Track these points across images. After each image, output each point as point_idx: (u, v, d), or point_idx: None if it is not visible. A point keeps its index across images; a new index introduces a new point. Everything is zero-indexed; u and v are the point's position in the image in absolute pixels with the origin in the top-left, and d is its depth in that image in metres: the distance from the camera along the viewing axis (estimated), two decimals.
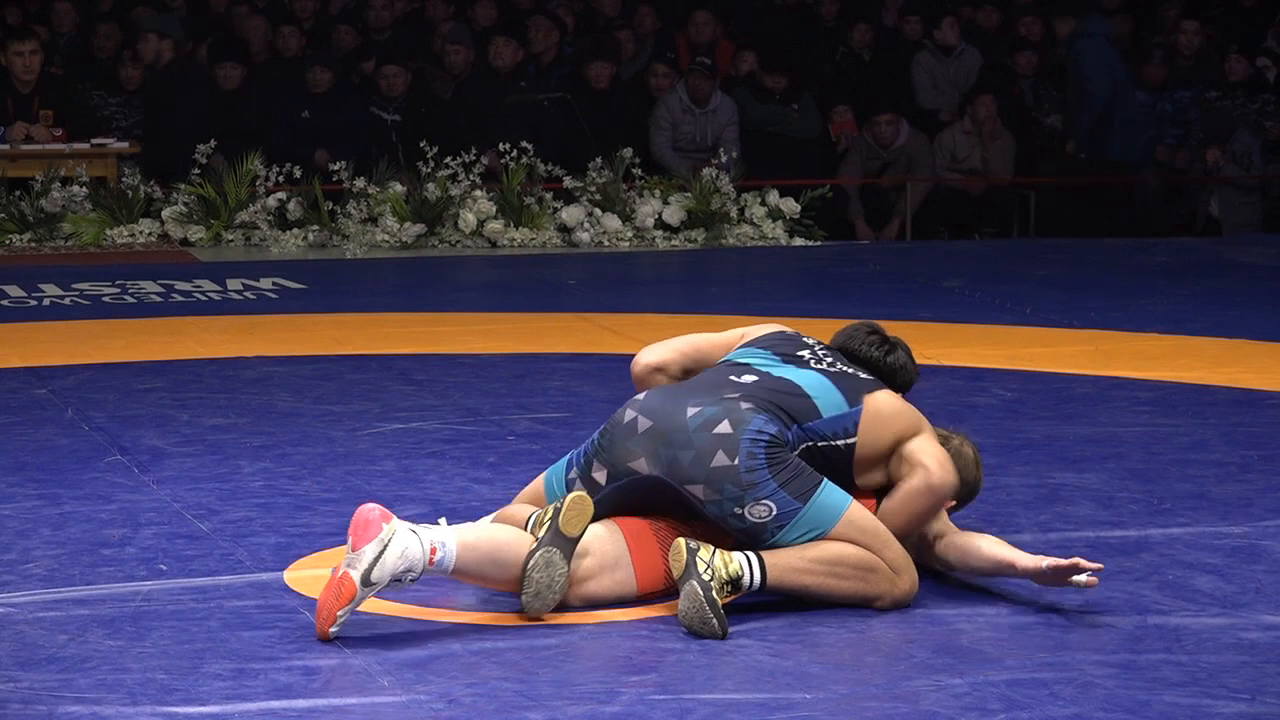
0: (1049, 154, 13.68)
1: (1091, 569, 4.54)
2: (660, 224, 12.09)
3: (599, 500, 4.63)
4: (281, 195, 11.90)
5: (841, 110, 13.78)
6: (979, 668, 4.16)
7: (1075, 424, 6.69)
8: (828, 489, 4.53)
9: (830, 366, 4.77)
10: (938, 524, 4.79)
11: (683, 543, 4.40)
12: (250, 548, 5.08)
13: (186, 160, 11.84)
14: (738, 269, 11.33)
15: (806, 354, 4.80)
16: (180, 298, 9.71)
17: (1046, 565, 4.56)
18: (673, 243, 12.02)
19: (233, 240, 11.84)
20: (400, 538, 4.32)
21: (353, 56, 13.55)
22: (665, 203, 12.13)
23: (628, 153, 12.09)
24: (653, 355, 4.98)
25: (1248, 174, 13.36)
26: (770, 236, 12.13)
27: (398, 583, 4.34)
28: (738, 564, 4.42)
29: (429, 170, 11.84)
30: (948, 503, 4.76)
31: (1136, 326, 8.82)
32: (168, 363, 7.88)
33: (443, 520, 4.98)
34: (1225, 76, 13.90)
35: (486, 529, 4.60)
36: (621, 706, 3.93)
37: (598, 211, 12.04)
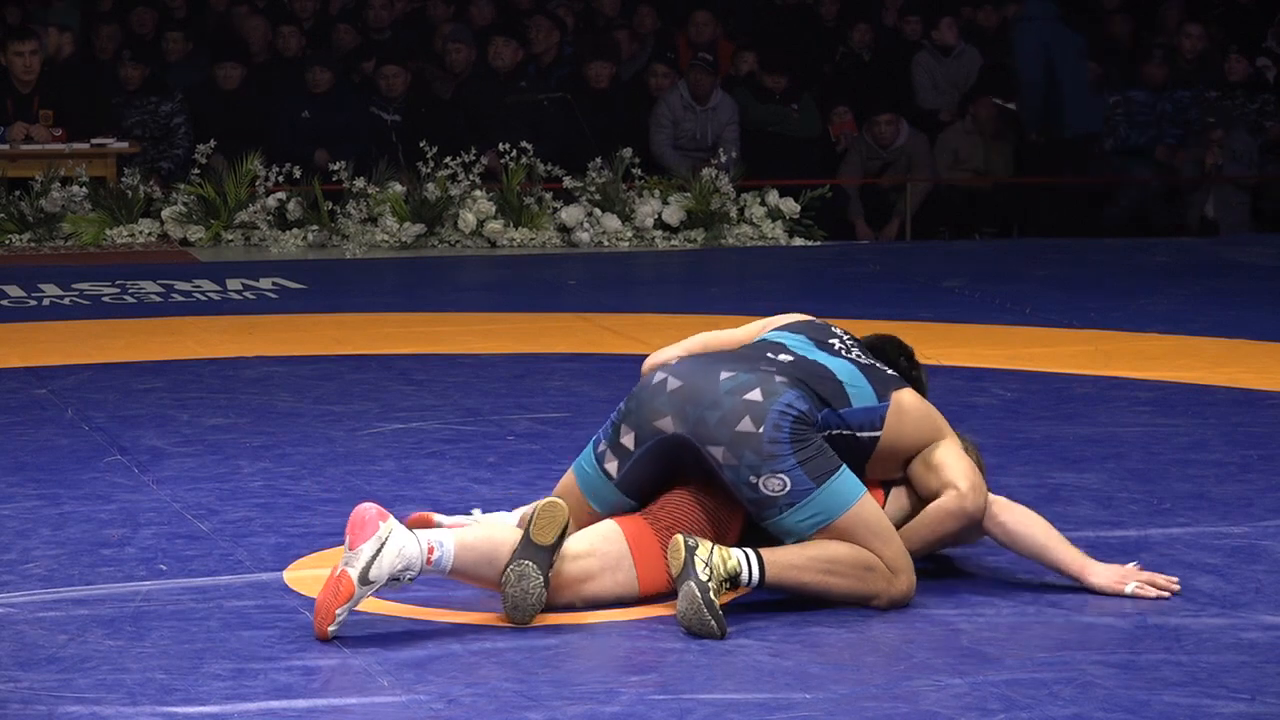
0: (1012, 141, 13.70)
1: (1171, 588, 4.63)
2: (660, 224, 12.09)
3: (631, 466, 4.63)
4: (281, 195, 11.90)
5: (841, 111, 13.78)
6: (979, 668, 4.16)
7: (1075, 424, 6.69)
8: (844, 475, 4.53)
9: (860, 358, 4.79)
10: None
11: (681, 540, 4.39)
12: (250, 548, 5.08)
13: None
14: (737, 269, 11.33)
15: (836, 343, 4.83)
16: (180, 298, 9.71)
17: (1129, 591, 4.62)
18: (672, 243, 12.02)
19: (232, 240, 11.84)
20: (397, 536, 4.32)
21: (353, 56, 13.55)
22: (665, 203, 12.13)
23: (627, 153, 12.09)
24: (661, 354, 5.00)
25: (1246, 174, 13.36)
26: (770, 236, 12.13)
27: (395, 581, 4.33)
28: (736, 560, 4.42)
29: (429, 170, 11.84)
30: None
31: (1136, 326, 8.82)
32: (167, 363, 7.87)
33: (476, 511, 4.98)
34: (1225, 76, 13.90)
35: (486, 529, 4.60)
36: (621, 706, 3.93)
37: (597, 211, 12.04)
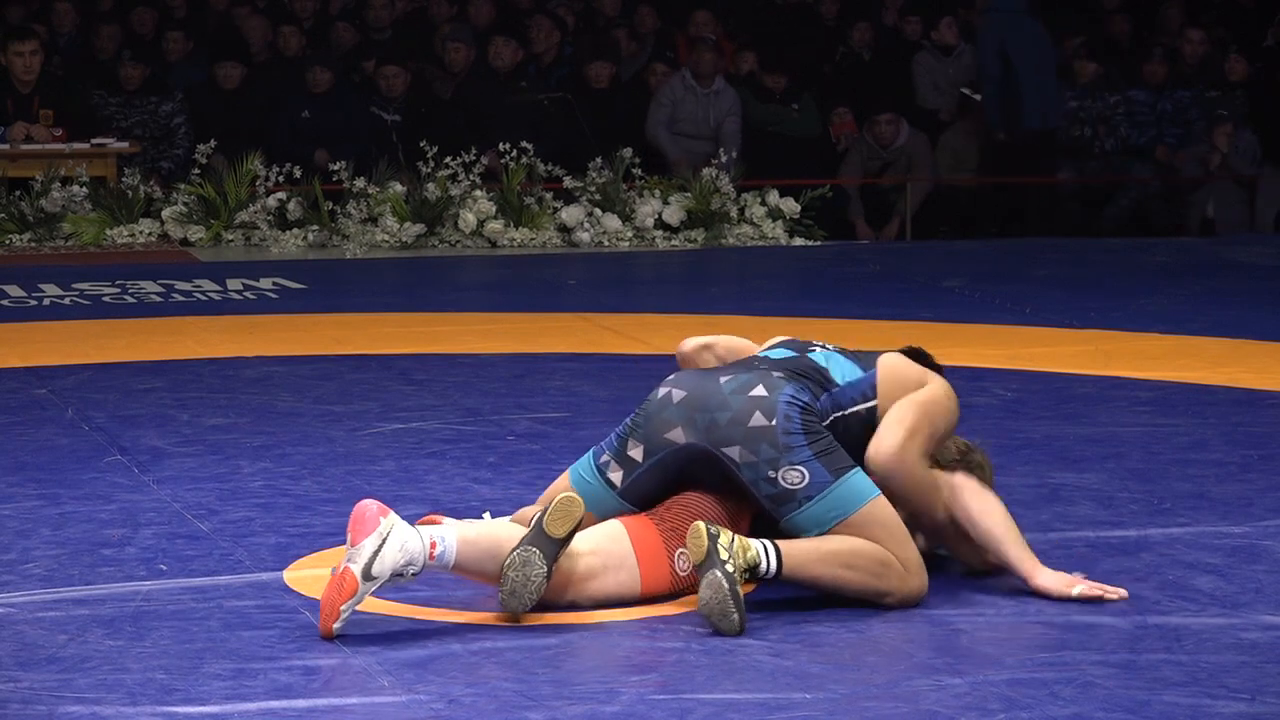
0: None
1: (1118, 596, 4.60)
2: (660, 224, 12.09)
3: (638, 477, 4.65)
4: (281, 195, 11.90)
5: (841, 112, 13.78)
6: (979, 667, 4.16)
7: (1075, 424, 6.69)
8: (858, 474, 4.56)
9: (839, 351, 4.83)
10: (952, 476, 4.75)
11: (703, 527, 4.37)
12: (250, 548, 5.08)
13: None
14: (738, 269, 11.33)
15: (818, 348, 4.85)
16: (180, 298, 9.71)
17: (1076, 594, 4.58)
18: (673, 243, 12.03)
19: (233, 240, 11.85)
20: (399, 531, 4.33)
21: (352, 55, 13.55)
22: (665, 203, 12.13)
23: (627, 153, 12.09)
24: (698, 338, 5.04)
25: (1249, 172, 13.36)
26: (770, 236, 12.13)
27: (399, 578, 4.34)
28: (755, 551, 4.42)
29: (429, 170, 11.85)
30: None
31: (1137, 326, 8.82)
32: (168, 363, 7.88)
33: (487, 514, 4.98)
34: (1226, 77, 13.91)
35: (488, 525, 4.60)
36: (621, 706, 3.92)
37: (598, 211, 12.04)
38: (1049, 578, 4.63)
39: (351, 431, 6.55)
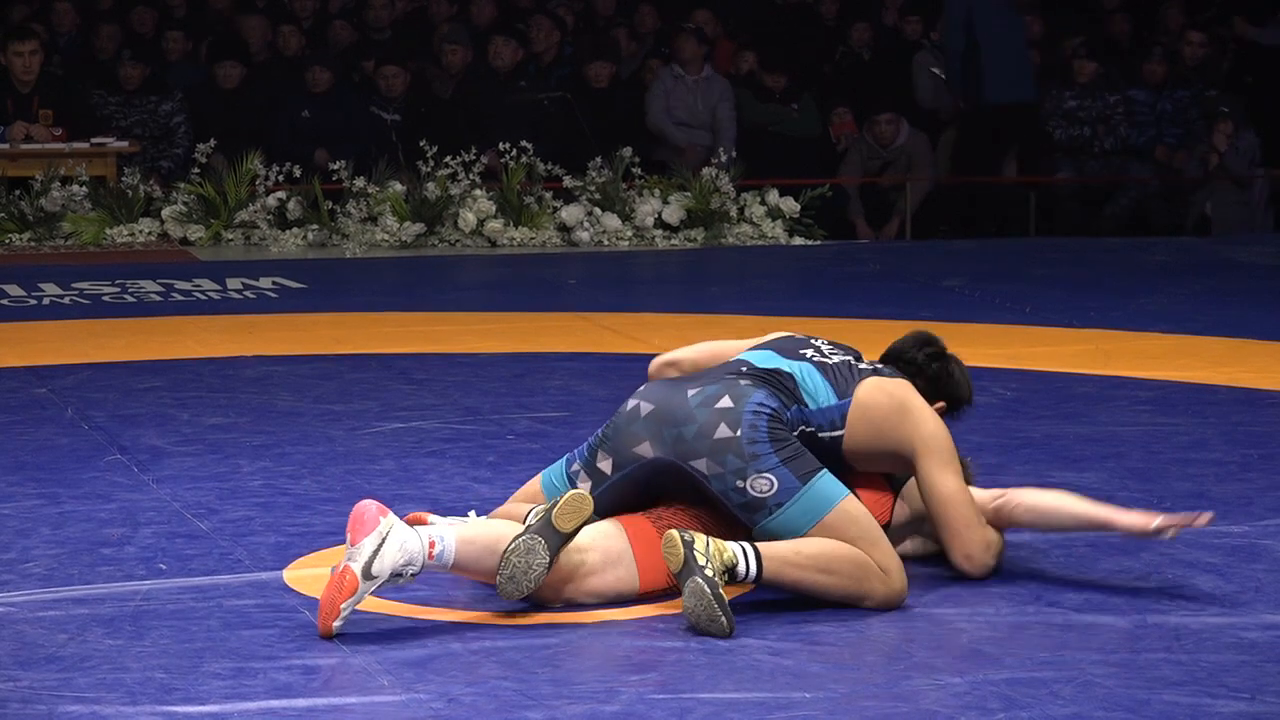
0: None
1: (1205, 520, 4.70)
2: (660, 223, 12.09)
3: (606, 489, 4.65)
4: (281, 194, 11.90)
5: (841, 112, 13.78)
6: (978, 667, 4.16)
7: (1075, 423, 6.69)
8: (826, 476, 4.55)
9: (828, 359, 4.80)
10: (984, 494, 4.84)
11: (676, 535, 4.37)
12: (250, 547, 5.08)
13: None
14: (737, 268, 11.33)
15: (810, 352, 4.83)
16: (180, 297, 9.71)
17: (1156, 525, 4.68)
18: (672, 242, 12.03)
19: (232, 240, 11.85)
20: (398, 531, 4.33)
21: (350, 53, 13.55)
22: (665, 202, 12.13)
23: (627, 152, 12.09)
24: (668, 354, 5.06)
25: (1249, 172, 13.36)
26: (770, 236, 12.13)
27: (398, 578, 4.34)
28: (732, 553, 4.42)
29: (429, 170, 11.85)
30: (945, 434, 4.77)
31: (1137, 326, 8.82)
32: (167, 362, 7.88)
33: (472, 514, 4.99)
34: (1225, 76, 13.91)
35: (486, 524, 4.61)
36: (621, 705, 3.92)
37: (597, 211, 12.04)
38: (1128, 516, 4.75)
39: (351, 431, 6.55)
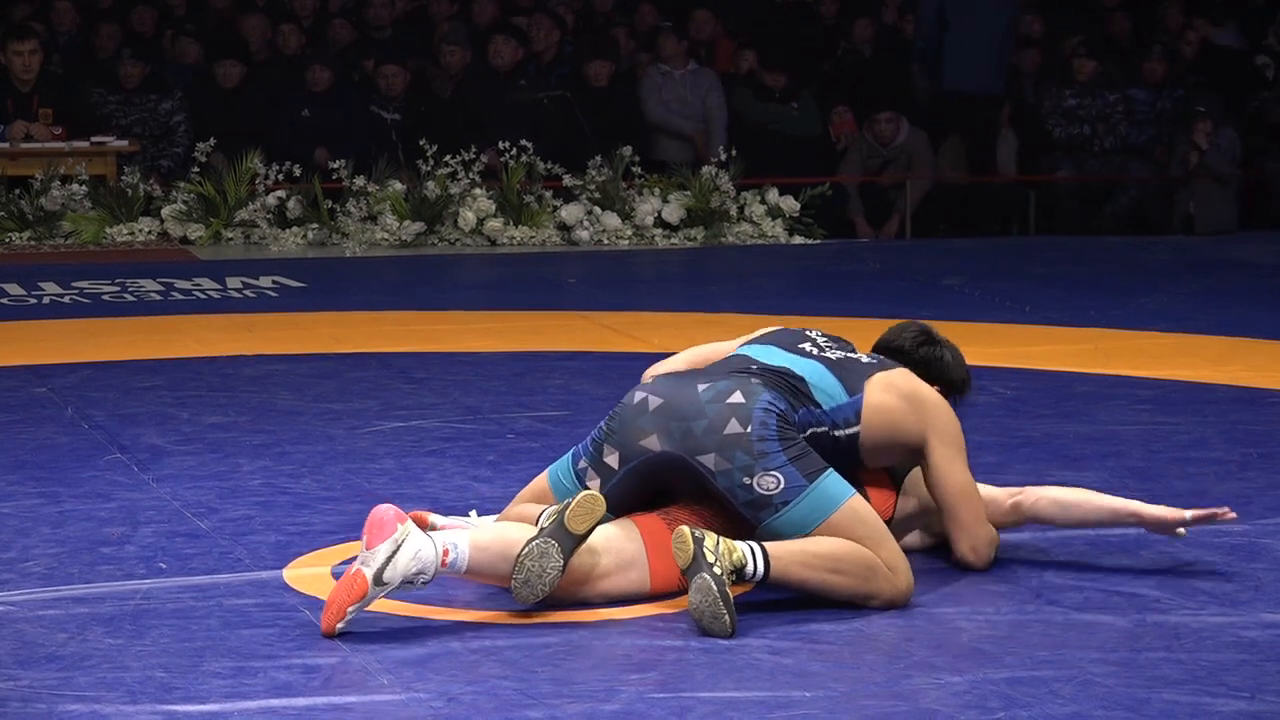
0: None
1: (1230, 517, 4.82)
2: (660, 222, 12.10)
3: (614, 485, 4.65)
4: (281, 193, 11.91)
5: (841, 111, 13.78)
6: (978, 666, 4.16)
7: (1075, 422, 6.70)
8: (832, 476, 4.56)
9: (831, 353, 4.81)
10: (1001, 491, 4.96)
11: (687, 531, 4.38)
12: (250, 546, 5.08)
13: None
14: (737, 267, 11.33)
15: (809, 345, 4.84)
16: (180, 296, 9.72)
17: (1190, 516, 4.82)
18: (672, 241, 12.03)
19: (232, 238, 11.85)
20: (414, 539, 4.32)
21: (350, 52, 13.55)
22: (665, 201, 12.13)
23: (627, 151, 12.10)
24: (658, 367, 5.05)
25: (1231, 171, 13.33)
26: (770, 235, 12.14)
27: (409, 585, 4.34)
28: (741, 552, 4.42)
29: (428, 168, 11.85)
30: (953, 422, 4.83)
31: (1136, 324, 8.83)
32: (167, 361, 7.88)
33: (473, 513, 4.98)
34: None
35: (498, 528, 4.59)
36: (621, 704, 3.92)
37: (597, 210, 12.04)
38: (1155, 509, 4.87)
39: (351, 430, 6.55)
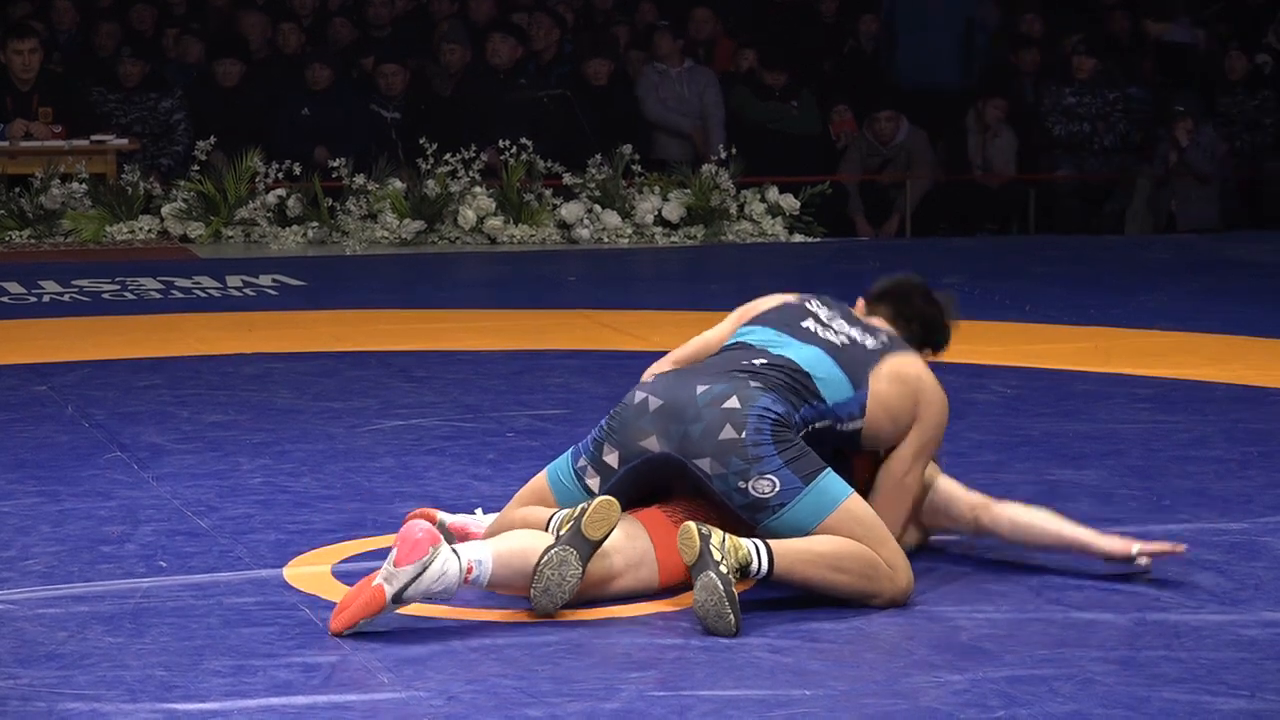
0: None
1: (1179, 550, 4.77)
2: (660, 220, 12.09)
3: (613, 484, 4.65)
4: (281, 192, 11.90)
5: (841, 110, 13.78)
6: (978, 664, 4.16)
7: (1075, 421, 6.69)
8: (830, 476, 4.56)
9: (835, 336, 4.82)
10: (971, 496, 4.93)
11: (694, 527, 4.38)
12: (250, 544, 5.08)
13: None
14: (737, 265, 11.33)
15: (811, 323, 4.85)
16: (180, 294, 9.71)
17: (1137, 550, 4.74)
18: (672, 239, 12.03)
19: (232, 237, 11.85)
20: (439, 562, 4.30)
21: (350, 50, 13.54)
22: (665, 199, 12.13)
23: (627, 149, 12.09)
24: (662, 362, 5.06)
25: (1211, 171, 13.31)
26: (770, 233, 12.14)
27: (428, 600, 4.34)
28: (747, 550, 4.42)
29: (428, 167, 11.85)
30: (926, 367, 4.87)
31: (1136, 323, 8.83)
32: (167, 359, 7.88)
33: (479, 511, 4.98)
34: (1225, 75, 13.90)
35: (520, 540, 4.53)
36: (621, 703, 3.92)
37: (597, 208, 12.04)
38: (1107, 541, 4.81)
39: (351, 428, 6.55)
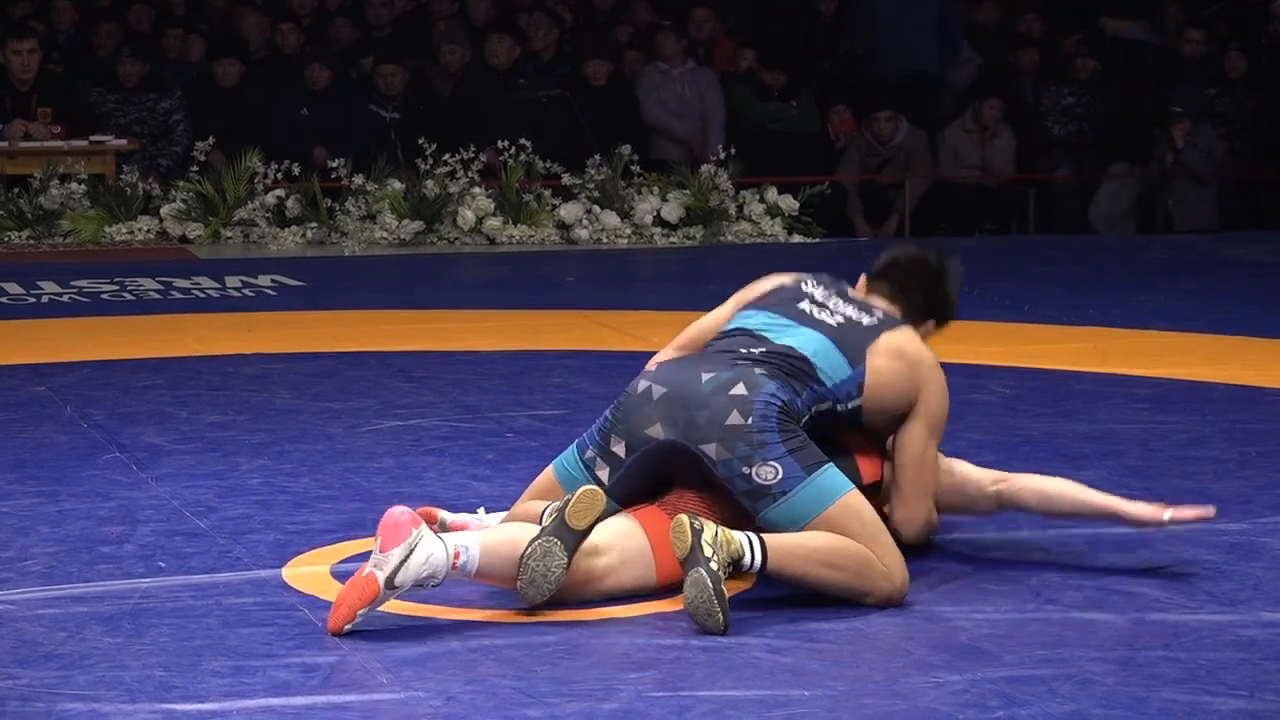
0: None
1: (1209, 516, 4.85)
2: (659, 221, 12.09)
3: (621, 474, 4.66)
4: (280, 192, 11.90)
5: (840, 110, 13.78)
6: (978, 665, 4.16)
7: (1074, 421, 6.70)
8: (830, 470, 4.58)
9: (831, 316, 4.84)
10: (987, 473, 5.01)
11: (686, 520, 4.38)
12: (249, 545, 5.08)
13: None
14: (736, 266, 11.31)
15: (806, 304, 4.88)
16: (179, 295, 9.71)
17: (1169, 517, 4.82)
18: (671, 240, 12.02)
19: (231, 237, 11.84)
20: (426, 544, 4.32)
21: (350, 51, 13.54)
22: (664, 200, 12.13)
23: (626, 150, 12.09)
24: (663, 353, 5.09)
25: (1208, 171, 13.31)
26: (769, 233, 12.13)
27: (420, 587, 4.35)
28: (739, 543, 4.43)
29: (427, 167, 11.84)
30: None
31: (1135, 323, 8.83)
32: (166, 360, 7.88)
33: (481, 510, 4.98)
34: (1226, 74, 13.89)
35: (508, 530, 4.57)
36: (620, 703, 3.92)
37: (596, 208, 12.04)
38: (1138, 508, 4.87)
39: (350, 429, 6.55)
